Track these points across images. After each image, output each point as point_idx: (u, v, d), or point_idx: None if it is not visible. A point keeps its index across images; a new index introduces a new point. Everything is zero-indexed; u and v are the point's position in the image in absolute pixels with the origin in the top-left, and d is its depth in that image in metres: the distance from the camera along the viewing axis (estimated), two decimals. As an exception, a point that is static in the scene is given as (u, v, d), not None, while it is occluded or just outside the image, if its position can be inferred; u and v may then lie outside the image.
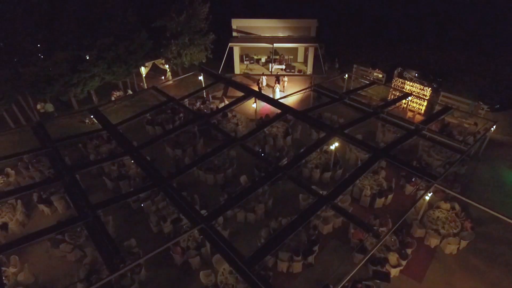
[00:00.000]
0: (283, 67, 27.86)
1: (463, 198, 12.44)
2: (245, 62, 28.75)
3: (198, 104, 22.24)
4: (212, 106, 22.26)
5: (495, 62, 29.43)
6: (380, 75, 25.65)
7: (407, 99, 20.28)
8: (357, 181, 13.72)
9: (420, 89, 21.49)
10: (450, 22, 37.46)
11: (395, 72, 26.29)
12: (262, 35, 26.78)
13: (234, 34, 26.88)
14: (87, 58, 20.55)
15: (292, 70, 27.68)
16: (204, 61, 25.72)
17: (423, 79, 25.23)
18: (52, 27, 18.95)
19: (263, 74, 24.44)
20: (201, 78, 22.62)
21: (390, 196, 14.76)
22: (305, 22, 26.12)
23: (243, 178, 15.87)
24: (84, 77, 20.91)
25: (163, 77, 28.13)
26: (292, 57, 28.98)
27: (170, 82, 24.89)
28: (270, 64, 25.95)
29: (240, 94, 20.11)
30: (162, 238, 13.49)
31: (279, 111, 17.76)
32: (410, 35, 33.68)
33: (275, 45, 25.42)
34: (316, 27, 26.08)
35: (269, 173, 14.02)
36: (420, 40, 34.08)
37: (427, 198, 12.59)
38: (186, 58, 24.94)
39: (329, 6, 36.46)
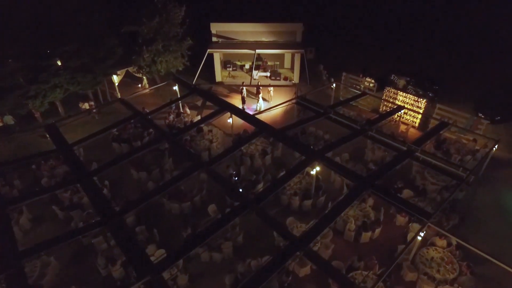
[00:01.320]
0: (268, 74, 25.91)
1: (461, 242, 10.54)
2: (228, 69, 26.78)
3: (171, 117, 20.28)
4: (186, 119, 20.31)
5: (493, 66, 27.64)
6: (372, 84, 23.79)
7: (400, 112, 18.35)
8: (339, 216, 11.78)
9: (414, 100, 19.60)
10: (443, 23, 35.67)
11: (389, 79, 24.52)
12: (244, 40, 24.80)
13: (214, 39, 24.90)
14: (47, 67, 18.55)
15: (278, 78, 25.75)
16: (180, 68, 23.74)
17: (417, 87, 23.37)
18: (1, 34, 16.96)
19: (243, 84, 22.48)
20: (176, 88, 20.67)
21: (378, 230, 12.86)
22: (290, 27, 24.15)
23: (211, 208, 13.95)
24: (44, 88, 18.90)
25: (139, 85, 26.20)
26: (278, 63, 27.05)
27: (146, 91, 22.88)
28: (253, 71, 23.95)
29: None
30: (111, 284, 11.57)
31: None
32: (401, 38, 31.78)
33: (258, 51, 23.45)
34: (302, 31, 24.11)
35: (239, 205, 12.09)
36: (412, 43, 32.24)
37: (419, 238, 10.70)
38: (162, 66, 22.96)
39: (316, 9, 34.46)
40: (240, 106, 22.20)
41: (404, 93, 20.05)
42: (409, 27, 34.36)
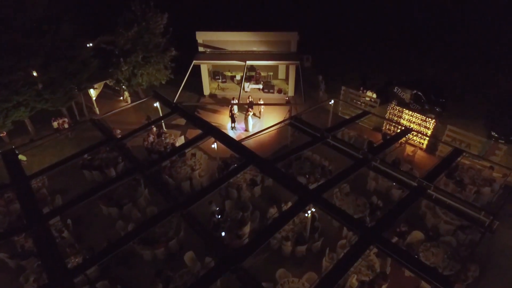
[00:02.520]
0: (260, 86, 23.81)
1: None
2: (217, 80, 24.66)
3: (150, 138, 18.13)
4: (168, 140, 18.17)
5: (506, 75, 25.72)
6: (374, 98, 21.74)
7: (407, 135, 16.29)
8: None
9: (422, 120, 17.54)
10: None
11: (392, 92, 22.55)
12: (234, 50, 22.66)
13: (201, 49, 22.75)
14: (8, 83, 16.37)
15: (271, 90, 23.66)
16: (163, 82, 21.63)
17: (423, 101, 21.37)
18: None
19: (233, 99, 20.42)
20: (157, 105, 18.56)
21: (384, 287, 10.79)
22: (283, 36, 22.02)
23: (188, 256, 11.84)
24: (5, 107, 16.73)
25: (121, 97, 24.02)
26: (272, 73, 24.94)
27: (127, 106, 20.65)
28: (243, 84, 21.76)
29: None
30: None
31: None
32: (401, 45, 29.76)
33: (249, 62, 21.34)
34: (297, 40, 22.01)
35: (220, 260, 9.97)
36: (413, 50, 30.25)
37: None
38: (143, 79, 20.83)
39: (311, 16, 32.38)
40: (229, 125, 20.14)
41: (410, 111, 17.97)
42: (411, 34, 32.41)
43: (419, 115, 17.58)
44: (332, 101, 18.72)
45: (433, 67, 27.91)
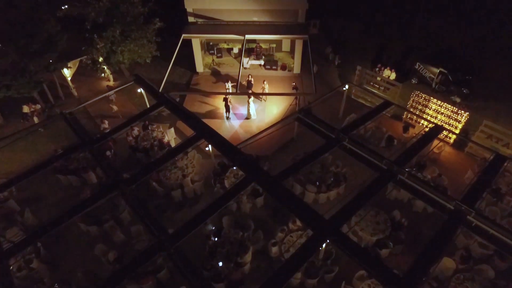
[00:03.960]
0: (261, 62, 20.66)
1: None
2: (211, 55, 21.37)
3: (135, 131, 15.61)
4: (155, 134, 15.67)
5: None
6: (393, 76, 18.86)
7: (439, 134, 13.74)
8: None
9: (452, 111, 14.92)
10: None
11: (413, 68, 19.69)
12: (230, 20, 19.09)
13: (191, 19, 19.17)
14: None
15: (274, 67, 20.57)
16: (148, 60, 18.49)
17: (448, 81, 18.57)
18: None
19: (227, 82, 17.52)
20: (142, 91, 15.76)
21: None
22: (290, 4, 18.27)
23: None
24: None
25: (102, 74, 20.76)
26: (274, 45, 21.59)
27: (106, 94, 17.40)
28: (243, 60, 18.51)
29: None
30: None
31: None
32: (425, 5, 25.77)
33: (249, 36, 17.98)
34: (306, 9, 18.39)
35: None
36: (434, 16, 26.39)
37: None
38: (124, 56, 17.68)
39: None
40: (225, 113, 17.46)
41: (439, 101, 15.24)
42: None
43: (449, 105, 14.91)
44: (347, 86, 15.93)
45: (458, 36, 24.41)
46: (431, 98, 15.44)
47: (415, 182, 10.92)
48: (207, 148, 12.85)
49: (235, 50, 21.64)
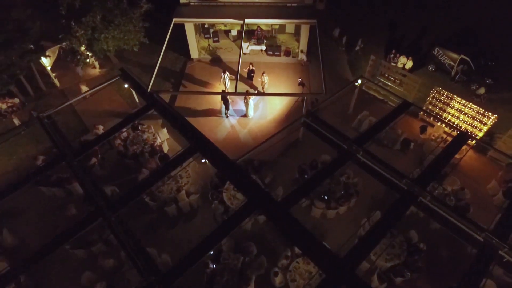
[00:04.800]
0: (263, 47, 18.56)
1: None
2: (207, 39, 19.17)
3: (124, 132, 14.07)
4: (146, 136, 14.16)
5: None
6: (409, 64, 17.00)
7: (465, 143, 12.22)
8: None
9: (478, 113, 13.29)
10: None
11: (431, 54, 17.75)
12: (227, 1, 16.70)
13: (183, 0, 16.76)
14: None
15: (277, 52, 18.52)
16: (136, 49, 16.47)
17: (471, 72, 16.74)
18: None
19: (224, 73, 15.66)
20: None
21: None
22: (296, -19, 15.96)
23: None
24: None
25: (87, 60, 18.67)
26: (277, 26, 19.33)
27: (90, 91, 15.31)
28: (242, 45, 16.33)
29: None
30: None
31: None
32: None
33: (248, 21, 15.78)
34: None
35: None
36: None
37: None
38: (108, 44, 15.66)
39: None
40: (224, 109, 15.77)
41: (464, 100, 13.55)
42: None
43: (475, 106, 13.26)
44: (359, 81, 14.16)
45: (482, 14, 21.93)
46: (454, 96, 13.72)
47: (439, 207, 9.65)
48: (203, 160, 11.42)
49: (234, 33, 19.43)
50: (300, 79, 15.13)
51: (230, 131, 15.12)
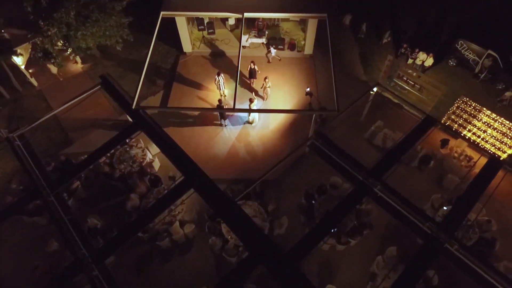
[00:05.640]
0: (264, 40, 16.44)
1: None
2: (201, 31, 16.93)
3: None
4: (134, 152, 12.66)
5: None
6: (430, 61, 15.13)
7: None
8: None
9: (508, 128, 11.72)
10: None
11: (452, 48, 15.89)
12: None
13: (171, -12, 14.42)
14: None
15: (281, 46, 16.45)
16: (119, 48, 14.44)
17: (498, 69, 14.95)
18: None
19: (218, 75, 13.78)
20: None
21: None
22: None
23: None
24: None
25: (71, 56, 16.49)
26: (280, 15, 17.02)
27: (70, 103, 12.90)
28: (241, 38, 14.06)
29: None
30: None
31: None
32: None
33: (248, 15, 13.58)
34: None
35: None
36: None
37: None
38: (87, 42, 13.65)
39: None
40: (220, 120, 14.11)
41: (494, 114, 11.90)
42: None
43: (507, 122, 11.64)
44: (375, 89, 12.42)
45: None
46: (483, 108, 12.06)
47: (467, 257, 8.45)
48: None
49: (231, 21, 17.20)
50: (308, 89, 13.31)
51: (228, 143, 13.58)
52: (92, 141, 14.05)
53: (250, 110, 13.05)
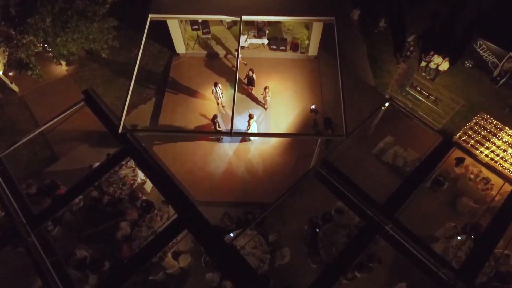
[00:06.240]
0: (265, 41, 15.02)
1: None
2: (195, 31, 15.42)
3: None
4: (123, 173, 11.71)
5: None
6: (446, 66, 13.87)
7: None
8: None
9: (533, 151, 10.69)
10: None
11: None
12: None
13: (161, -13, 12.82)
14: None
15: (282, 47, 15.05)
16: (104, 55, 13.11)
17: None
18: None
19: (216, 86, 12.58)
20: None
21: None
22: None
23: None
24: None
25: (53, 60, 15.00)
26: (282, 10, 15.47)
27: (54, 119, 11.49)
28: (240, 38, 12.47)
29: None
30: None
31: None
32: None
33: (246, 18, 12.11)
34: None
35: None
36: None
37: None
38: (68, 48, 12.32)
39: None
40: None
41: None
42: None
43: (532, 142, 10.62)
44: (387, 104, 11.28)
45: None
46: (505, 127, 10.98)
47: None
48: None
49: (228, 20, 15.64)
50: (313, 106, 12.12)
51: (225, 160, 12.58)
52: (80, 156, 13.22)
53: (248, 134, 11.99)
